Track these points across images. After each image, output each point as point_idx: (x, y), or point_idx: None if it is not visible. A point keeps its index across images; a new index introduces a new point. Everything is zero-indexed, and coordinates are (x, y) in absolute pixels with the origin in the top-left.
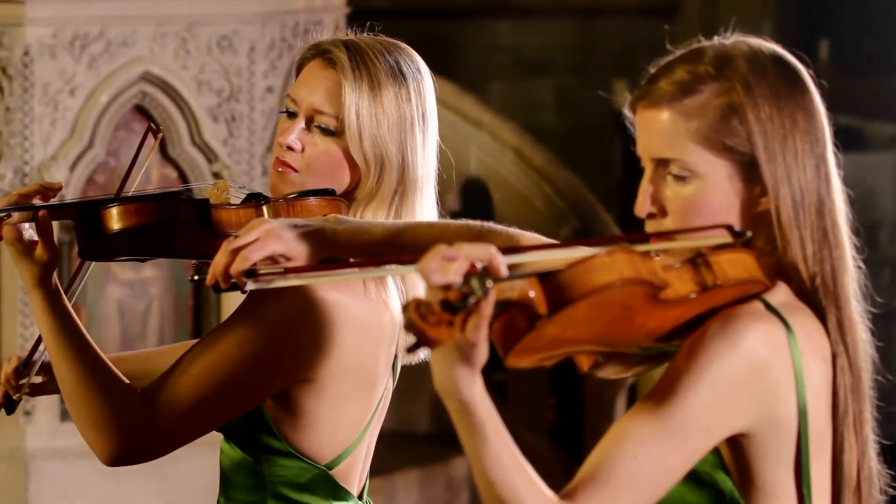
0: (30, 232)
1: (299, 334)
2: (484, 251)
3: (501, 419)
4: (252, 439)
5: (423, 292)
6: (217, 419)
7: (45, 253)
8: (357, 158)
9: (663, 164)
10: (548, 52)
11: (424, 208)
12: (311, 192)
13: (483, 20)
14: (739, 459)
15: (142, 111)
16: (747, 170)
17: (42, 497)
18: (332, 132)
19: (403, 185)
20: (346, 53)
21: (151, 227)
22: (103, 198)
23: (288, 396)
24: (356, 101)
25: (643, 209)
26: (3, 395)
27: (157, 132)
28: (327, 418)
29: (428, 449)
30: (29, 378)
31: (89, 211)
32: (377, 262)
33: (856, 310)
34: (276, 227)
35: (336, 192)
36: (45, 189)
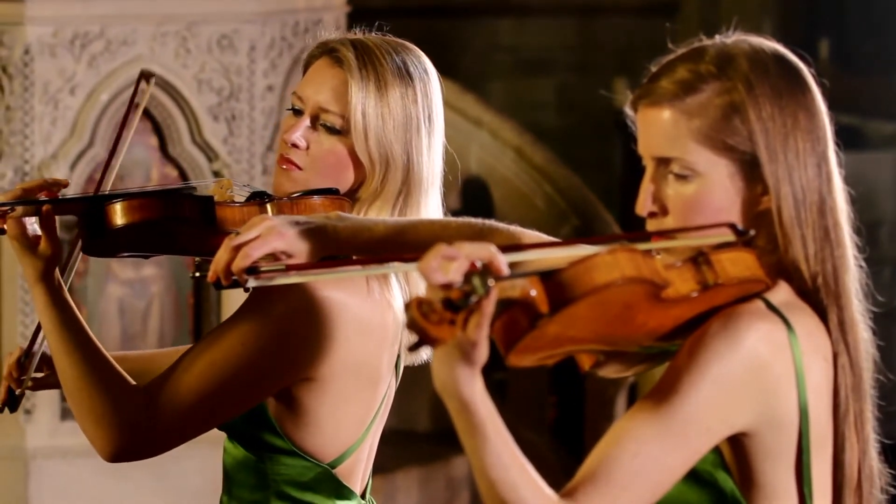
0: (34, 227)
1: (302, 333)
2: (484, 250)
3: (502, 418)
4: (255, 438)
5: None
6: (219, 417)
7: (48, 248)
8: (362, 158)
9: (664, 162)
10: (548, 50)
11: (429, 210)
12: (315, 192)
13: (483, 19)
14: (740, 458)
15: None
16: (748, 169)
17: (42, 496)
18: (337, 131)
19: (408, 186)
20: (353, 52)
21: (155, 223)
22: (107, 193)
23: (291, 395)
24: (362, 100)
25: (644, 208)
26: (6, 391)
27: (149, 77)
28: (330, 417)
29: (428, 448)
30: (30, 372)
31: (93, 206)
32: (379, 260)
33: (857, 309)
34: (278, 224)
35: (340, 191)
36: (50, 184)
